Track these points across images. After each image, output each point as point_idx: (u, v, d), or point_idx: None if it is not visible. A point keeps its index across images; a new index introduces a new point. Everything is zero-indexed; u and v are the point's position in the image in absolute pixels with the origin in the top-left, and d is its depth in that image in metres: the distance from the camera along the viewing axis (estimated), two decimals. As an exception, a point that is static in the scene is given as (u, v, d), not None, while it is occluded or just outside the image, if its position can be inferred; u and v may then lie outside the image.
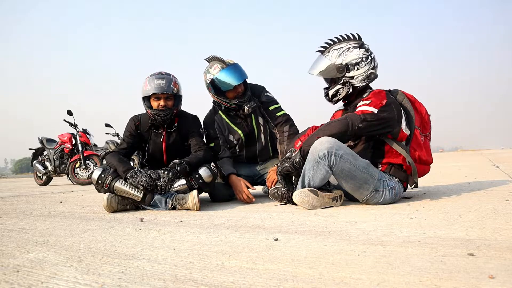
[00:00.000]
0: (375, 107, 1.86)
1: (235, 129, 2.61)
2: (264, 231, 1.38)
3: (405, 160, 1.96)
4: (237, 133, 2.61)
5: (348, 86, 2.01)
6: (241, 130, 2.61)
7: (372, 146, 1.99)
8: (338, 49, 1.99)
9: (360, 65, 1.96)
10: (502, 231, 1.19)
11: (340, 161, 1.83)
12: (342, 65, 1.97)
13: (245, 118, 2.61)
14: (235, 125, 2.61)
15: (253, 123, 2.62)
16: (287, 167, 1.95)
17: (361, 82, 1.99)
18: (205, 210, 2.11)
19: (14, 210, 2.57)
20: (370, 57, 1.98)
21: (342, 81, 2.00)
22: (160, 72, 2.32)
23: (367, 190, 1.88)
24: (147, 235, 1.41)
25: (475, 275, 0.78)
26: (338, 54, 1.98)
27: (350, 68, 1.97)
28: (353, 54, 1.96)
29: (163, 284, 0.82)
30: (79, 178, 5.93)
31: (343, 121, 1.86)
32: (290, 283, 0.79)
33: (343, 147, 1.87)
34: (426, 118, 2.07)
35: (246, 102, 2.51)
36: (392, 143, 1.94)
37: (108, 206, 2.11)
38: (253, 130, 2.62)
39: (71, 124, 6.17)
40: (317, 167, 1.88)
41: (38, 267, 1.00)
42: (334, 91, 2.05)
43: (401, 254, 0.98)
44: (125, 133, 2.40)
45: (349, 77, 1.98)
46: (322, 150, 1.84)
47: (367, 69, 1.97)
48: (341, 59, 1.97)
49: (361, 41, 2.01)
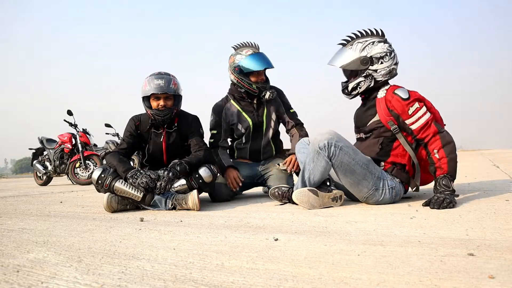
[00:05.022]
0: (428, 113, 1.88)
1: (245, 117, 2.65)
2: (264, 231, 1.39)
3: (410, 160, 1.96)
4: (246, 121, 2.64)
5: (370, 79, 1.99)
6: (251, 119, 2.64)
7: (382, 142, 1.98)
8: (362, 42, 1.98)
9: (384, 59, 1.95)
10: (502, 231, 1.19)
11: (339, 153, 1.83)
12: (367, 57, 1.95)
13: (256, 109, 2.66)
14: (246, 112, 2.66)
15: (264, 115, 2.66)
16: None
17: (383, 77, 1.98)
18: (205, 210, 2.11)
19: (14, 210, 2.57)
20: (393, 53, 1.98)
21: (365, 74, 1.98)
22: (160, 72, 2.32)
23: (366, 187, 1.88)
24: (147, 235, 1.41)
25: (475, 275, 0.78)
26: (363, 47, 1.97)
27: (374, 61, 1.95)
28: (378, 48, 1.96)
29: (163, 284, 0.82)
30: (79, 178, 5.93)
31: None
32: (290, 283, 0.79)
33: (344, 140, 1.87)
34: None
35: (270, 89, 2.61)
36: (402, 141, 1.94)
37: (108, 206, 2.11)
38: (262, 122, 2.66)
39: (71, 124, 6.16)
40: (317, 158, 1.88)
41: (38, 267, 1.00)
42: (355, 84, 2.02)
43: (401, 254, 0.98)
44: (125, 133, 2.40)
45: (372, 70, 1.97)
46: (322, 141, 1.85)
47: (390, 64, 1.96)
48: (366, 51, 1.96)
49: (384, 37, 2.01)
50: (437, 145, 1.82)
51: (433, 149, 1.82)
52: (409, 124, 1.88)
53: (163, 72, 2.32)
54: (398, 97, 1.89)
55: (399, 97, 1.89)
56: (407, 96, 1.88)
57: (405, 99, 1.88)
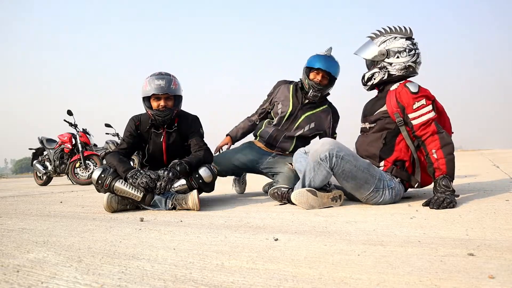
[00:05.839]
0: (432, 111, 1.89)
1: (290, 102, 2.70)
2: (264, 231, 1.39)
3: (411, 156, 1.97)
4: (287, 106, 2.69)
5: (384, 71, 2.01)
6: (292, 107, 2.68)
7: (385, 136, 1.98)
8: (385, 36, 2.03)
9: (401, 55, 1.97)
10: (502, 231, 1.19)
11: (341, 162, 1.83)
12: (384, 49, 1.99)
13: (304, 104, 2.68)
14: (292, 99, 2.70)
15: (305, 114, 2.68)
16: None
17: (397, 71, 1.99)
18: (205, 210, 2.11)
19: (14, 210, 2.57)
20: (414, 50, 1.99)
21: (380, 66, 2.02)
22: (160, 72, 2.32)
23: (368, 189, 1.89)
24: (147, 235, 1.41)
25: (475, 275, 0.78)
26: (384, 40, 2.02)
27: (390, 54, 1.99)
28: (398, 43, 1.99)
29: (163, 284, 0.82)
30: (79, 178, 5.93)
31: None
32: (290, 283, 0.79)
33: (344, 148, 1.87)
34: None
35: (318, 92, 2.59)
36: (405, 135, 1.94)
37: (108, 206, 2.11)
38: (298, 117, 2.68)
39: (71, 124, 6.16)
40: (318, 168, 1.88)
41: (38, 267, 1.00)
42: (370, 74, 2.06)
43: (401, 254, 0.98)
44: (125, 133, 2.40)
45: (387, 63, 2.00)
46: (323, 152, 1.84)
47: (407, 60, 1.98)
48: (385, 44, 2.00)
49: (410, 35, 2.03)
50: (435, 145, 1.82)
51: (432, 149, 1.83)
52: (411, 118, 1.89)
53: (163, 72, 2.32)
54: (408, 89, 1.91)
55: (408, 90, 1.91)
56: (416, 90, 1.91)
57: (413, 93, 1.90)
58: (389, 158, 1.98)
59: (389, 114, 1.96)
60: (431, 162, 1.84)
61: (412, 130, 1.90)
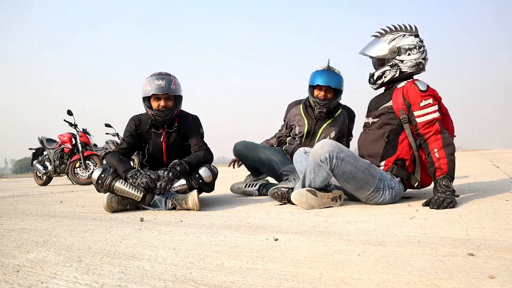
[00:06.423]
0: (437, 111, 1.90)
1: (304, 120, 2.76)
2: (264, 231, 1.39)
3: (412, 155, 1.97)
4: (303, 125, 2.75)
5: (396, 69, 2.01)
6: (307, 125, 2.74)
7: (388, 134, 1.98)
8: (393, 34, 2.03)
9: (412, 52, 1.98)
10: (502, 231, 1.19)
11: (341, 163, 1.83)
12: (395, 47, 1.99)
13: (317, 119, 2.73)
14: (306, 118, 2.76)
15: (322, 127, 2.73)
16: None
17: (409, 68, 1.99)
18: (205, 210, 2.11)
19: (14, 210, 2.57)
20: (423, 47, 2.00)
21: (391, 63, 2.01)
22: (160, 72, 2.32)
23: (368, 190, 1.89)
24: (147, 235, 1.41)
25: (475, 275, 0.78)
26: (393, 38, 2.01)
27: (401, 51, 1.98)
28: (408, 40, 1.99)
29: (163, 284, 0.82)
30: (79, 178, 5.93)
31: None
32: (290, 283, 0.79)
33: (344, 149, 1.87)
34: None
35: (323, 108, 2.63)
36: (408, 132, 1.95)
37: (108, 206, 2.11)
38: (317, 132, 2.74)
39: (71, 124, 6.16)
40: (318, 170, 1.88)
41: (38, 267, 1.00)
42: (380, 72, 2.06)
43: (401, 254, 0.98)
44: (125, 133, 2.40)
45: (398, 61, 2.00)
46: (323, 154, 1.84)
47: (417, 57, 1.98)
48: (395, 42, 2.00)
49: (417, 32, 2.03)
50: (437, 145, 1.83)
51: (434, 148, 1.83)
52: (416, 116, 1.90)
53: (163, 72, 2.32)
54: (416, 87, 1.92)
55: (417, 87, 1.92)
56: (425, 88, 1.92)
57: (422, 91, 1.91)
58: (391, 158, 1.98)
59: (394, 110, 1.97)
60: (432, 162, 1.84)
61: (416, 128, 1.91)
